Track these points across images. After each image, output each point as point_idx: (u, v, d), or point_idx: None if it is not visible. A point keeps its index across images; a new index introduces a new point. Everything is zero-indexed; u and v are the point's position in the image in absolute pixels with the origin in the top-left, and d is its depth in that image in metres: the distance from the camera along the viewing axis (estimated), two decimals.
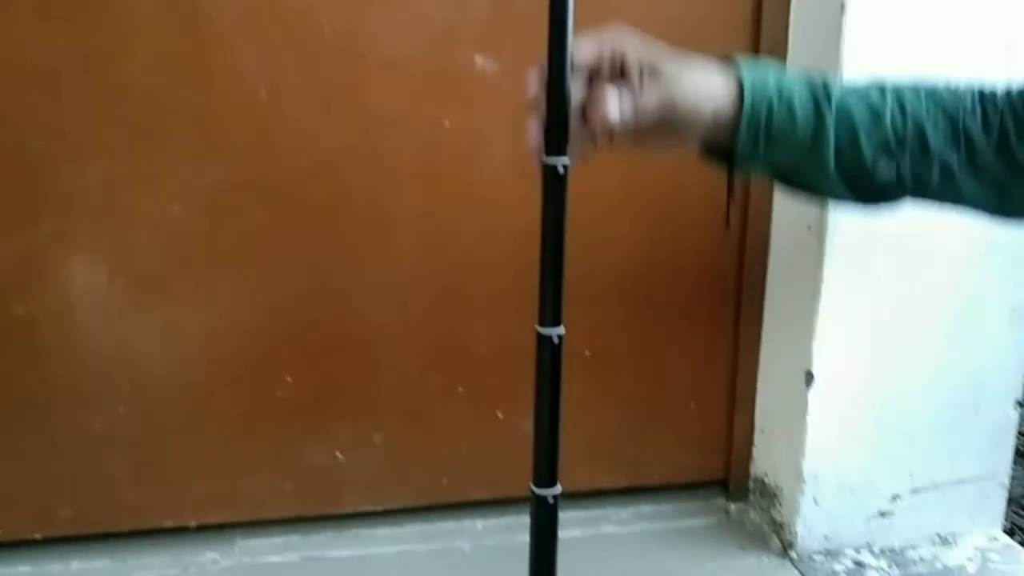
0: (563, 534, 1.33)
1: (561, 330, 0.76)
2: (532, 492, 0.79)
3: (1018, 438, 1.36)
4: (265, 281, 1.20)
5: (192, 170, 1.14)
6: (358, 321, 1.24)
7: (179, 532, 1.27)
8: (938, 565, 1.28)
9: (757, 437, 1.37)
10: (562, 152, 0.72)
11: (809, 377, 1.21)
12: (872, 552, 1.30)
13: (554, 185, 0.73)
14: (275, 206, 1.17)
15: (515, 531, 1.29)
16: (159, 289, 1.18)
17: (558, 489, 0.79)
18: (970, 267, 1.22)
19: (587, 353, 1.31)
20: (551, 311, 0.75)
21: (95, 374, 1.19)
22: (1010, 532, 1.39)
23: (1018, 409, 1.31)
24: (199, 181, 1.15)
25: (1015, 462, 1.37)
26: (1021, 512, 1.60)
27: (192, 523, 1.27)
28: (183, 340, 1.20)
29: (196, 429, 1.23)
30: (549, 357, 0.76)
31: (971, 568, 1.28)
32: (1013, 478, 1.37)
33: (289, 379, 1.23)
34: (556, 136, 0.71)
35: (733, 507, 1.40)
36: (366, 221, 1.20)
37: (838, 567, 1.27)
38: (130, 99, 1.10)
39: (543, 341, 0.76)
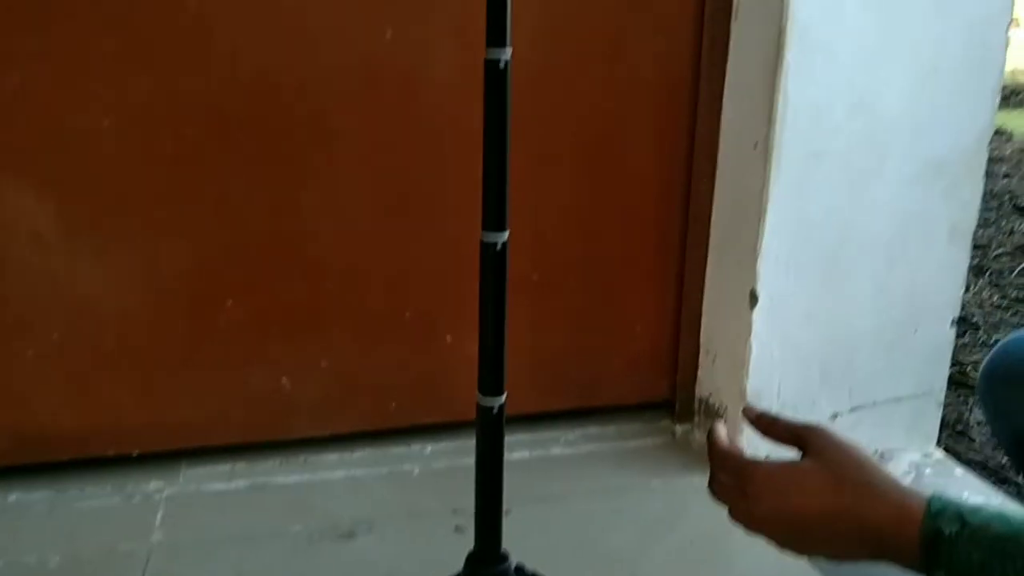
0: (511, 456, 1.35)
1: (505, 236, 0.75)
2: (477, 403, 0.79)
3: (953, 366, 1.38)
4: (202, 200, 1.16)
5: (120, 83, 1.09)
6: (302, 241, 1.21)
7: (121, 461, 1.25)
8: None
9: (702, 358, 1.38)
10: (501, 44, 0.70)
11: (753, 297, 1.22)
12: None
13: (495, 84, 0.71)
14: (210, 122, 1.13)
15: (463, 454, 1.29)
16: (92, 210, 1.13)
17: (503, 398, 0.78)
18: (912, 187, 1.24)
19: (534, 278, 1.30)
20: (494, 216, 0.74)
21: (24, 300, 1.15)
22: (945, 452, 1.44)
23: (954, 327, 1.34)
24: (128, 95, 1.10)
25: (948, 387, 1.40)
26: (954, 435, 1.65)
27: (134, 452, 1.25)
28: (117, 263, 1.16)
29: (134, 356, 1.20)
30: (493, 265, 0.75)
31: (906, 481, 1.32)
32: (947, 404, 1.41)
33: (230, 303, 1.20)
34: (496, 28, 0.70)
35: (679, 428, 1.43)
36: (307, 136, 1.17)
37: None
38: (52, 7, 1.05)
39: (487, 248, 0.75)
